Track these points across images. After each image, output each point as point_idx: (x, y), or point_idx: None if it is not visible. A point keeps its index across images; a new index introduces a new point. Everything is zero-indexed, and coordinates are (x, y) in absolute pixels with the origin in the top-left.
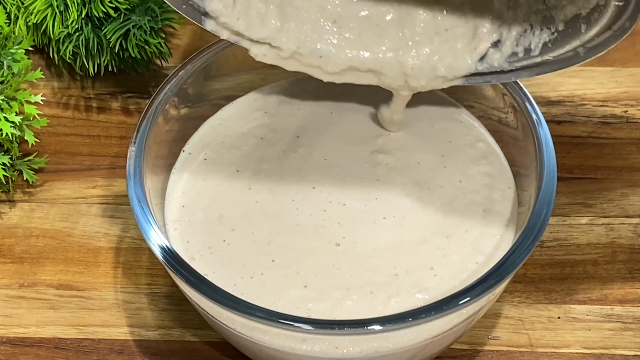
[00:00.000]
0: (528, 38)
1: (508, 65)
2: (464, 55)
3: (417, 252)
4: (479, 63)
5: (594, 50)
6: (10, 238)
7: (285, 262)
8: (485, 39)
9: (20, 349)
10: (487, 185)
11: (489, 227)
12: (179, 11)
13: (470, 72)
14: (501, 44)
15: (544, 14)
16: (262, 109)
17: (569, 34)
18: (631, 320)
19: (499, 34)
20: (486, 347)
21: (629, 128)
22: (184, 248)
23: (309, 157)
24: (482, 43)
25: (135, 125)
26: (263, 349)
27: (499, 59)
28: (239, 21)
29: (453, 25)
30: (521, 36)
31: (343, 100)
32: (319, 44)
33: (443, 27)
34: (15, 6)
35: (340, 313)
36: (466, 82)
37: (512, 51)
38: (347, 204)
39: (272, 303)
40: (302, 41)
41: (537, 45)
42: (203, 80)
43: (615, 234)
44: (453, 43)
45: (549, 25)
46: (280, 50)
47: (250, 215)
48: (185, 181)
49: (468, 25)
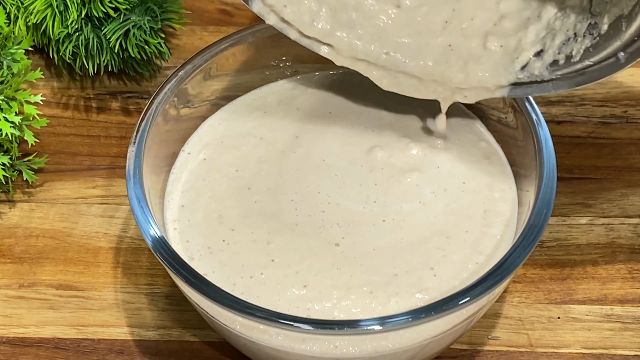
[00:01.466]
0: (571, 45)
1: (548, 74)
2: (507, 65)
3: (417, 252)
4: (519, 72)
5: (634, 55)
6: (10, 238)
7: (284, 261)
8: (527, 49)
9: (20, 349)
10: (488, 185)
11: (489, 228)
12: None
13: (511, 82)
14: (544, 52)
15: (589, 22)
16: (262, 109)
17: (610, 35)
18: (631, 320)
19: (542, 44)
20: (486, 347)
21: (629, 128)
22: (184, 248)
23: (308, 158)
24: (524, 53)
25: (135, 125)
26: (263, 349)
27: (539, 67)
28: (286, 9)
29: (500, 37)
30: (564, 44)
31: (342, 101)
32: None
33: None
34: (15, 6)
35: (340, 313)
36: (508, 93)
37: (553, 59)
38: (345, 205)
39: (272, 303)
40: (353, 48)
41: (579, 51)
42: (203, 80)
43: (615, 234)
44: (496, 55)
45: (592, 30)
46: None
47: (249, 215)
48: (185, 181)
49: (514, 37)
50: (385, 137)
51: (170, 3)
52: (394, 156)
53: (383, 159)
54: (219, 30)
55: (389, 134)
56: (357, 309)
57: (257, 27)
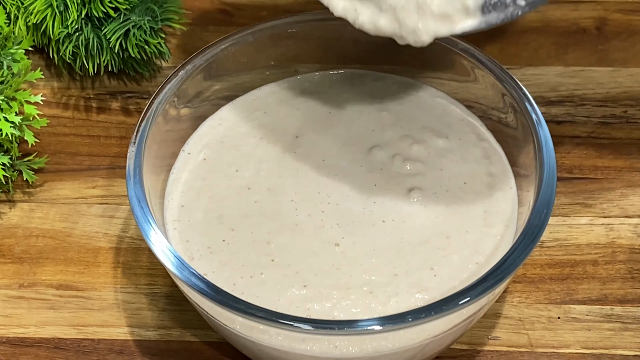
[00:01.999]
0: None
1: None
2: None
3: (417, 253)
4: None
5: None
6: (10, 238)
7: (284, 261)
8: None
9: (20, 349)
10: (489, 186)
11: (489, 228)
12: None
13: None
14: None
15: None
16: (262, 109)
17: None
18: (631, 320)
19: None
20: (486, 347)
21: (629, 128)
22: (184, 248)
23: (308, 158)
24: None
25: (135, 125)
26: (263, 349)
27: None
28: None
29: None
30: None
31: (342, 101)
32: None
33: None
34: (15, 6)
35: (340, 313)
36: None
37: None
38: (345, 205)
39: (272, 303)
40: None
41: None
42: (203, 80)
43: (615, 234)
44: None
45: None
46: None
47: (249, 215)
48: (185, 181)
49: None
50: (386, 137)
51: (170, 3)
52: (394, 156)
53: (383, 159)
54: (219, 30)
55: (389, 134)
56: (357, 309)
57: (257, 27)
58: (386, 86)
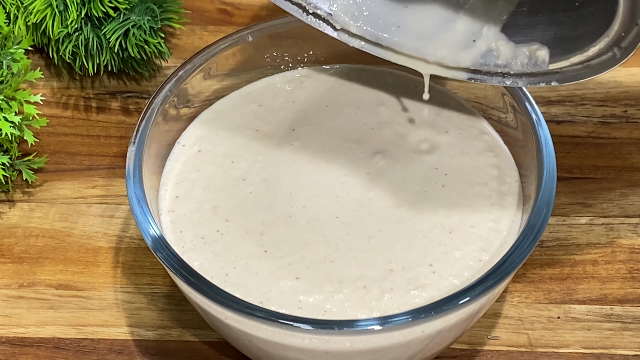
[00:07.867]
0: None
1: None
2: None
3: (416, 247)
4: (482, 59)
5: None
6: (9, 238)
7: (277, 253)
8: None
9: (20, 349)
10: (494, 178)
11: (495, 223)
12: None
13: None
14: None
15: None
16: (257, 101)
17: None
18: (631, 320)
19: None
20: (486, 347)
21: (629, 128)
22: (176, 238)
23: (304, 150)
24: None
25: (135, 125)
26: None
27: (505, 53)
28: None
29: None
30: None
31: (339, 95)
32: None
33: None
34: (15, 6)
35: (332, 306)
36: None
37: None
38: (340, 198)
39: (264, 294)
40: None
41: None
42: (203, 80)
43: (615, 233)
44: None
45: None
46: None
47: (244, 205)
48: (179, 172)
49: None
50: (383, 131)
51: (170, 3)
52: (391, 149)
53: (380, 152)
54: (219, 30)
55: (386, 128)
56: (349, 303)
57: (257, 26)
58: (384, 80)
